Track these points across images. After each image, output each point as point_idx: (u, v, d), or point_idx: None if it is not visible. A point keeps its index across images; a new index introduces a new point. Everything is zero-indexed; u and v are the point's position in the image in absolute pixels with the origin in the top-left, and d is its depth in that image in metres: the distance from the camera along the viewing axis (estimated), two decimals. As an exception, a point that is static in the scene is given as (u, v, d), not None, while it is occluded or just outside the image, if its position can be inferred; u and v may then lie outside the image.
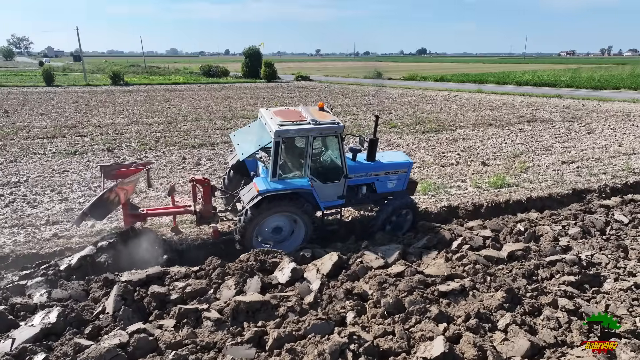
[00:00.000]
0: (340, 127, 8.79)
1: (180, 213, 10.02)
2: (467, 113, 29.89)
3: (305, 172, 8.95)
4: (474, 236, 9.17)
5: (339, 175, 9.32)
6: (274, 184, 8.67)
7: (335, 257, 8.12)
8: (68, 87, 51.13)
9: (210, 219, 9.80)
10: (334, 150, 9.56)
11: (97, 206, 8.14)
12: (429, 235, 9.41)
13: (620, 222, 10.45)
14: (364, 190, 10.18)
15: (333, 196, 9.50)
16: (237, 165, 10.37)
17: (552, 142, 20.52)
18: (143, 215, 9.56)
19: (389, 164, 10.17)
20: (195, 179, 9.65)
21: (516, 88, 49.57)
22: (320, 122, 8.68)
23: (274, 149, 8.45)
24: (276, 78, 65.21)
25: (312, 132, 8.59)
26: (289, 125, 8.52)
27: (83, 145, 19.20)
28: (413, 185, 11.04)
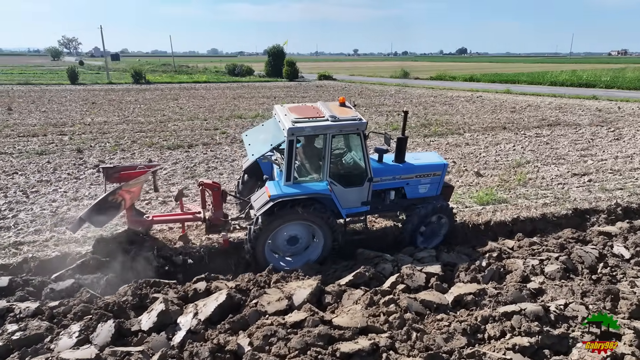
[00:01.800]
0: (362, 124, 7.73)
1: (189, 220, 9.28)
2: (484, 115, 27.40)
3: (324, 175, 7.93)
4: (414, 272, 7.26)
5: (362, 178, 8.28)
6: (288, 188, 7.68)
7: (223, 296, 6.46)
8: (90, 85, 51.72)
9: (221, 227, 8.91)
10: (356, 151, 8.59)
11: (96, 211, 7.36)
12: (364, 268, 7.59)
13: (619, 257, 8.24)
14: (392, 195, 9.09)
15: (356, 202, 8.46)
16: (251, 168, 9.57)
17: (569, 149, 17.98)
18: (148, 222, 8.88)
19: (420, 165, 9.08)
20: (204, 183, 8.84)
21: (549, 89, 46.07)
22: (339, 119, 7.66)
23: (288, 149, 7.46)
24: (298, 77, 63.97)
25: (331, 130, 7.60)
26: (304, 122, 7.54)
27: (56, 145, 18.36)
28: (448, 191, 9.87)
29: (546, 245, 8.76)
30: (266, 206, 7.59)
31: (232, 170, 14.93)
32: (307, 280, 7.22)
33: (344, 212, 8.25)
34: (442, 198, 9.43)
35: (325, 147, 7.74)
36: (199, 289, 6.94)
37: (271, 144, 7.86)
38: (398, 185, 9.06)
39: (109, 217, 8.00)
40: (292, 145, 7.47)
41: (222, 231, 8.83)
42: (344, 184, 8.24)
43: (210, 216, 8.91)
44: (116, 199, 7.85)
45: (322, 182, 7.93)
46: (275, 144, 7.85)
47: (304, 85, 52.90)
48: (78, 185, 12.92)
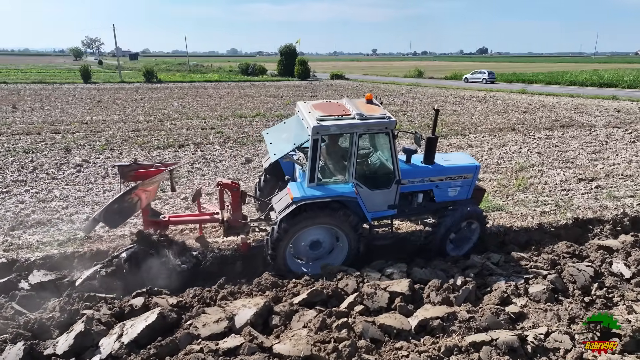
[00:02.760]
0: (391, 123, 7.23)
1: (206, 221, 8.90)
2: (494, 115, 26.23)
3: (349, 177, 7.46)
4: (376, 291, 6.43)
5: (389, 180, 7.78)
6: (311, 190, 7.23)
7: (154, 315, 5.76)
8: (102, 84, 52.00)
9: (240, 230, 8.45)
10: (383, 151, 8.11)
11: (111, 211, 6.96)
12: (321, 284, 6.79)
13: (617, 277, 7.26)
14: (420, 198, 8.55)
15: (382, 205, 7.99)
16: (272, 168, 9.08)
17: (580, 152, 16.81)
18: (165, 223, 8.49)
19: (450, 167, 8.53)
20: (222, 183, 8.38)
21: (567, 89, 44.38)
22: (367, 117, 7.15)
23: (312, 149, 7.00)
24: (310, 76, 63.32)
25: (357, 128, 7.12)
26: (330, 120, 7.08)
27: (45, 144, 18.01)
28: (480, 194, 9.35)
29: (536, 260, 7.82)
30: (288, 209, 7.13)
31: (217, 171, 14.27)
32: (256, 297, 6.47)
33: (369, 215, 7.71)
34: (473, 202, 8.80)
35: (352, 147, 7.26)
36: (135, 306, 6.24)
37: (294, 143, 7.38)
38: (427, 188, 8.52)
39: (123, 217, 7.58)
40: (316, 144, 7.01)
41: (241, 234, 8.37)
42: (370, 186, 7.74)
43: (229, 217, 8.49)
44: (132, 199, 7.45)
45: (347, 184, 7.45)
46: (298, 143, 7.37)
47: (315, 85, 52.20)
48: (52, 186, 12.43)
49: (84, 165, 14.68)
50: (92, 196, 11.61)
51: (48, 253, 8.35)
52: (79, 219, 10.05)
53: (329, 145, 8.07)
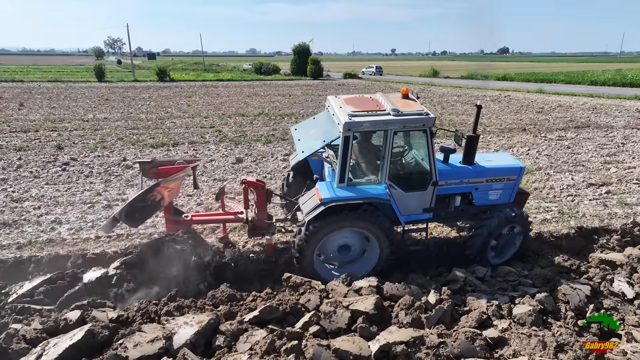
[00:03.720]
0: (430, 119, 6.69)
1: (230, 221, 8.52)
2: (506, 116, 25.15)
3: (383, 177, 6.97)
4: (336, 310, 5.72)
5: (425, 181, 7.24)
6: (342, 190, 6.80)
7: (81, 333, 5.15)
8: (115, 82, 52.32)
9: (265, 230, 8.06)
10: (419, 150, 7.67)
11: (132, 210, 6.68)
12: (277, 300, 6.12)
13: (618, 297, 6.39)
14: (458, 201, 7.99)
15: (417, 208, 7.47)
16: (299, 166, 8.66)
17: (593, 154, 15.74)
18: (187, 222, 8.12)
19: (492, 168, 7.93)
20: (247, 181, 8.02)
21: (587, 88, 42.69)
22: (403, 113, 6.65)
23: (343, 146, 6.55)
24: (322, 75, 62.68)
25: (393, 125, 6.62)
26: (363, 116, 6.59)
27: (40, 141, 17.76)
28: (523, 198, 8.63)
29: (526, 275, 6.99)
30: (316, 210, 6.69)
31: (204, 171, 13.72)
32: (203, 313, 5.82)
33: (403, 219, 7.20)
34: (515, 206, 8.07)
35: (386, 145, 6.73)
36: (70, 320, 5.67)
37: (324, 140, 6.95)
38: (465, 191, 7.94)
39: (144, 216, 7.25)
40: (348, 142, 6.54)
41: (266, 234, 7.97)
42: (404, 188, 7.21)
43: (254, 217, 8.08)
44: (153, 197, 7.12)
45: (380, 185, 6.95)
46: (328, 140, 6.93)
47: (326, 84, 51.52)
48: (32, 185, 12.05)
49: (71, 164, 14.31)
50: (69, 196, 11.17)
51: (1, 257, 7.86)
52: (46, 221, 9.59)
53: (360, 143, 7.53)
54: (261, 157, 15.56)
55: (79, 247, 8.38)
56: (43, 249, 8.32)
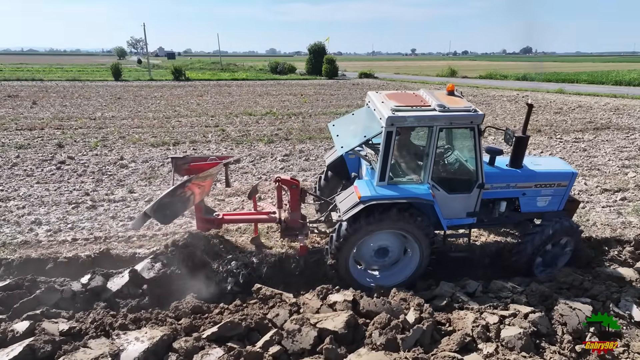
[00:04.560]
0: (478, 117, 6.34)
1: (262, 221, 8.23)
2: (522, 116, 24.12)
3: (425, 177, 6.60)
4: (301, 328, 5.19)
5: (470, 184, 6.85)
6: (382, 189, 6.47)
7: (18, 349, 4.77)
8: (131, 81, 52.68)
9: (299, 231, 7.77)
10: (464, 149, 7.37)
11: (163, 206, 6.50)
12: (241, 314, 5.62)
13: (624, 319, 5.70)
14: (503, 206, 7.52)
15: (461, 212, 7.07)
16: (336, 164, 8.35)
17: (610, 157, 14.82)
18: (218, 221, 7.97)
19: (542, 173, 7.47)
20: (280, 179, 7.76)
21: (611, 89, 41.00)
22: (450, 109, 6.29)
23: (385, 142, 6.25)
24: (337, 75, 62.07)
25: (438, 122, 6.27)
26: (407, 111, 6.28)
27: (42, 139, 17.70)
28: (573, 206, 8.16)
29: (521, 292, 6.34)
30: (355, 209, 6.34)
31: (199, 171, 13.32)
32: (157, 328, 5.36)
33: (445, 222, 6.73)
34: (565, 215, 7.63)
35: (430, 143, 6.39)
36: (17, 332, 5.29)
37: (364, 136, 6.60)
38: (512, 196, 7.48)
39: (175, 213, 7.03)
40: (390, 138, 6.22)
41: (300, 235, 7.66)
42: (447, 189, 6.83)
43: (287, 217, 7.80)
44: (185, 193, 6.92)
45: (422, 185, 6.57)
46: (370, 136, 6.59)
47: (341, 83, 50.91)
48: (23, 184, 11.86)
49: (67, 162, 14.13)
50: (56, 196, 10.91)
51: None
52: (26, 221, 9.32)
53: (400, 141, 7.17)
54: (260, 157, 15.12)
55: (52, 250, 8.02)
56: (15, 252, 8.00)
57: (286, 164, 14.24)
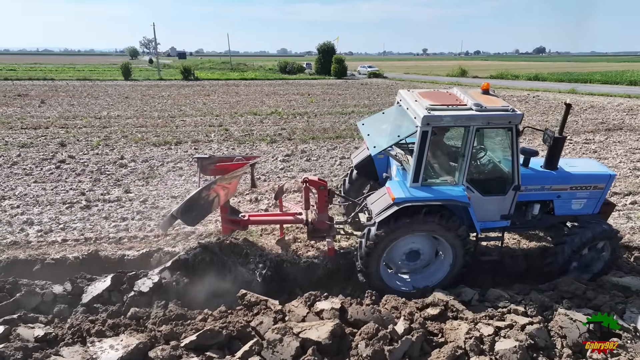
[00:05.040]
0: (517, 116, 6.15)
1: (289, 222, 8.14)
2: (531, 117, 23.70)
3: (460, 178, 6.41)
4: (283, 338, 4.94)
5: (505, 185, 6.63)
6: (416, 191, 6.29)
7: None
8: (140, 81, 52.96)
9: (326, 232, 7.69)
10: (499, 150, 7.15)
11: (190, 208, 6.45)
12: (222, 321, 5.39)
13: (629, 332, 5.35)
14: (536, 209, 7.29)
15: (495, 214, 6.85)
16: (363, 164, 8.14)
17: (622, 159, 14.34)
18: (244, 222, 7.84)
19: (578, 175, 7.23)
20: (308, 180, 7.60)
21: (625, 89, 40.10)
22: (487, 108, 6.11)
23: (419, 142, 6.09)
24: (346, 74, 61.78)
25: (476, 121, 6.08)
26: (442, 110, 6.11)
27: (45, 138, 17.70)
28: (608, 209, 7.87)
29: (520, 301, 6.01)
30: (388, 211, 6.18)
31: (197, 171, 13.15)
32: (134, 336, 5.15)
33: (478, 225, 6.57)
34: (600, 218, 7.39)
35: (466, 143, 6.21)
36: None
37: (398, 136, 6.45)
38: (546, 198, 7.26)
39: (201, 214, 6.96)
40: (425, 137, 6.06)
41: (327, 237, 7.55)
42: (482, 191, 6.62)
43: (314, 219, 7.70)
44: (210, 195, 6.86)
45: (457, 187, 6.38)
46: (404, 136, 6.42)
47: (349, 83, 50.64)
48: (20, 183, 11.80)
49: (67, 162, 14.06)
50: (51, 195, 10.81)
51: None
52: (18, 221, 9.21)
53: (435, 140, 6.95)
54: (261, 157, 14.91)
55: (41, 252, 7.88)
56: (3, 252, 7.87)
57: (287, 164, 14.01)
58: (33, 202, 10.35)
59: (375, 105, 28.94)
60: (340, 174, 12.59)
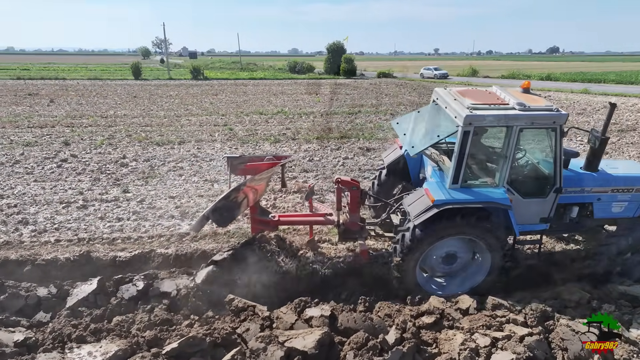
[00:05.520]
0: (562, 116, 6.02)
1: (319, 223, 7.93)
2: (542, 117, 23.17)
3: (501, 180, 6.25)
4: (267, 347, 4.72)
5: (547, 188, 6.47)
6: (456, 192, 6.14)
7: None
8: (150, 80, 53.18)
9: (358, 234, 7.46)
10: (540, 151, 6.96)
11: (220, 209, 6.36)
12: (207, 327, 5.19)
13: (635, 346, 5.05)
14: (574, 212, 7.10)
15: (534, 217, 6.68)
16: (395, 165, 8.03)
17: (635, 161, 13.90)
18: (274, 222, 7.61)
19: (621, 177, 7.02)
20: (341, 180, 7.39)
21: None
22: (531, 108, 5.95)
23: (460, 143, 5.95)
24: (356, 74, 61.44)
25: (519, 121, 5.93)
26: (485, 109, 5.95)
27: (50, 137, 17.73)
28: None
29: (519, 311, 5.73)
30: (428, 213, 6.02)
31: (198, 170, 13.06)
32: (113, 342, 4.98)
33: (517, 228, 6.33)
34: None
35: (509, 144, 6.06)
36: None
37: (438, 135, 6.28)
38: (586, 201, 7.06)
39: (232, 215, 6.89)
40: (467, 138, 5.91)
41: (359, 239, 7.36)
42: (522, 193, 6.47)
43: (345, 220, 7.46)
44: (241, 195, 6.79)
45: (498, 189, 6.21)
46: (444, 136, 6.27)
47: (357, 83, 50.27)
48: (20, 182, 11.78)
49: (69, 161, 14.03)
50: (49, 195, 10.75)
51: None
52: (13, 220, 9.14)
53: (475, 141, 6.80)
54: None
55: (33, 252, 7.77)
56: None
57: (287, 164, 13.81)
58: (30, 201, 10.29)
59: (383, 105, 28.65)
60: (341, 174, 12.35)
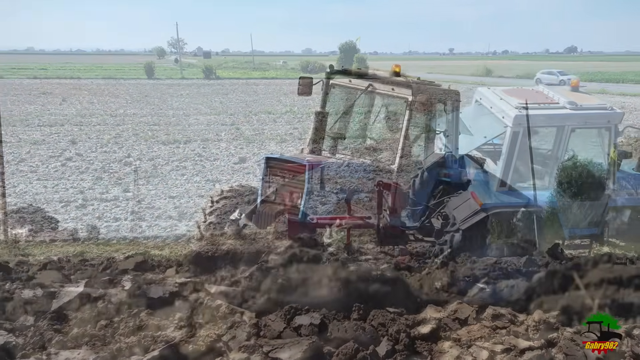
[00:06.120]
0: (617, 115, 6.15)
1: (358, 226, 7.49)
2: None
3: (551, 182, 6.34)
4: (248, 357, 4.50)
5: (598, 190, 6.36)
6: (504, 196, 6.15)
7: None
8: (162, 79, 53.72)
9: (398, 239, 7.17)
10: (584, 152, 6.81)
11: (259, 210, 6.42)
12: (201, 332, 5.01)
13: None
14: (626, 215, 7.07)
15: (583, 221, 6.52)
16: (434, 166, 7.69)
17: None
18: (312, 225, 7.34)
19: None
20: (381, 183, 7.07)
21: (660, 89, 38.36)
22: (583, 107, 5.95)
23: (509, 144, 5.98)
24: (368, 74, 61.22)
25: (571, 121, 6.02)
26: (535, 109, 5.89)
27: (58, 135, 17.86)
28: None
29: (521, 322, 5.42)
30: (475, 217, 5.92)
31: (201, 170, 13.01)
32: (90, 350, 4.79)
33: (567, 232, 6.35)
34: None
35: (560, 144, 6.16)
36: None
37: (485, 137, 6.33)
38: (638, 204, 6.94)
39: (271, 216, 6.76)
40: (516, 139, 5.90)
41: (400, 244, 7.03)
42: (572, 196, 6.42)
43: (386, 224, 7.12)
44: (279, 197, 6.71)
45: (545, 192, 6.23)
46: (491, 137, 6.32)
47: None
48: (23, 180, 11.92)
49: (73, 159, 14.09)
50: (50, 194, 10.77)
51: None
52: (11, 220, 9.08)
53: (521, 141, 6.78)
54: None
55: (25, 252, 7.69)
56: (-16, 255, 7.71)
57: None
58: (30, 200, 10.27)
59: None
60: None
